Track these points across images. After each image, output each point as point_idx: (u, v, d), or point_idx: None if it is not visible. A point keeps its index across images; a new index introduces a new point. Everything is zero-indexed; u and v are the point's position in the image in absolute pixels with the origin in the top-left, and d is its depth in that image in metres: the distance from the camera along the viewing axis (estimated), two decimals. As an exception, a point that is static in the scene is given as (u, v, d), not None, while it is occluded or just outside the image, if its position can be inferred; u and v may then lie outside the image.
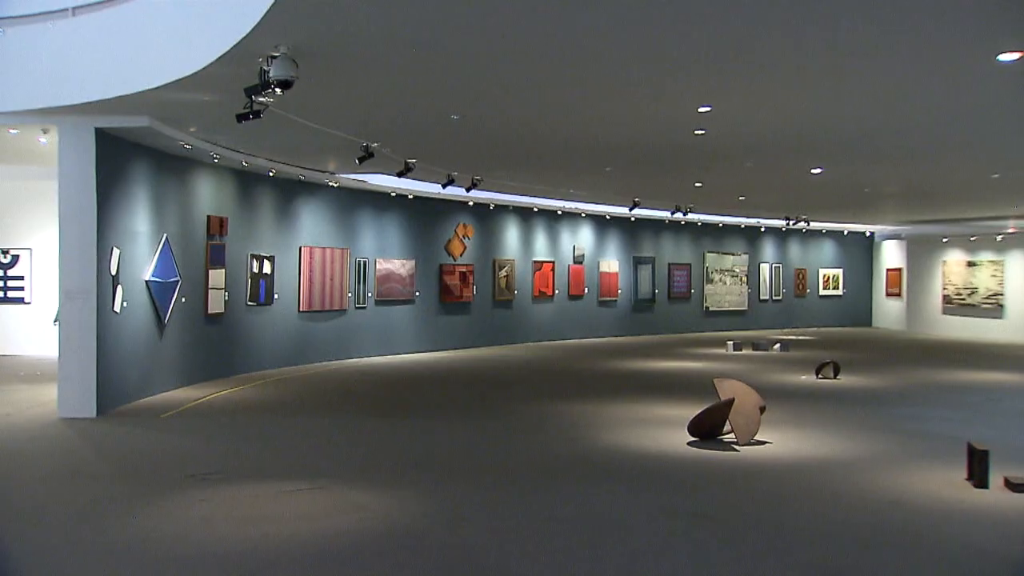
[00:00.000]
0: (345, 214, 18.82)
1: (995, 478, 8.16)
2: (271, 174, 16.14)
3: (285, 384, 14.95)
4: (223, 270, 15.08)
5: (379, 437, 10.71)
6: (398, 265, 20.06)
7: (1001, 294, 27.68)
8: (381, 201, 19.61)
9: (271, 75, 8.06)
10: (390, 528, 6.84)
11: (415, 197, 20.02)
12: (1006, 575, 6.01)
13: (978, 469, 8.18)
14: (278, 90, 8.17)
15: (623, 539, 6.67)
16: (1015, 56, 8.13)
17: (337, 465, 9.10)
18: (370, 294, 19.35)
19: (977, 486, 8.11)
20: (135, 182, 12.47)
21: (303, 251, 17.53)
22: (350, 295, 18.78)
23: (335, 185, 18.01)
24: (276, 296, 16.80)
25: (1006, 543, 6.66)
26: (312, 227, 17.97)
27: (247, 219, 16.14)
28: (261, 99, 8.72)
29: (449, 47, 8.22)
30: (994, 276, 27.92)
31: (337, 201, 18.57)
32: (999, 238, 27.62)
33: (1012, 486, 8.02)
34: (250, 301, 16.04)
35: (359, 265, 19.07)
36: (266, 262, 16.50)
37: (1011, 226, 26.55)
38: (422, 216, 20.71)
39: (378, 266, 19.56)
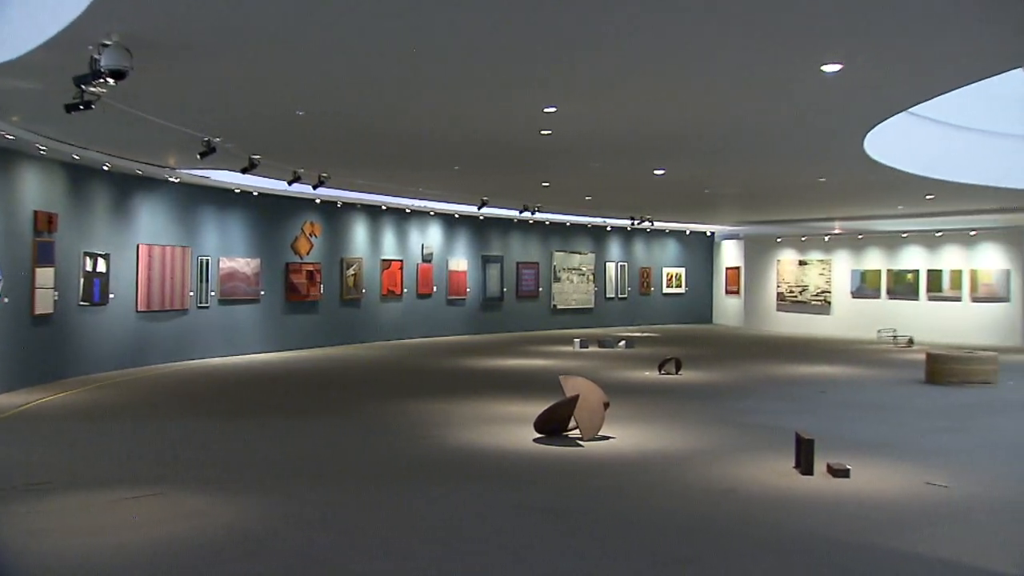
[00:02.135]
0: (186, 211, 18.18)
1: (820, 465, 8.63)
2: (106, 168, 15.42)
3: (122, 387, 14.33)
4: (52, 268, 14.29)
5: (222, 440, 10.40)
6: (242, 264, 19.54)
7: (828, 291, 29.31)
8: (224, 198, 19.03)
9: (102, 64, 7.66)
10: (231, 534, 6.65)
11: (260, 194, 19.54)
12: (830, 553, 6.35)
13: (805, 457, 8.63)
14: (110, 80, 7.79)
15: (471, 536, 6.70)
16: (837, 67, 8.60)
17: (176, 470, 8.77)
18: (213, 293, 18.77)
19: (804, 473, 8.57)
20: (-48, 175, 11.68)
21: (141, 249, 16.82)
22: (192, 294, 18.17)
23: (176, 181, 17.38)
24: (112, 296, 16.06)
25: (829, 524, 7.04)
26: (151, 224, 17.28)
27: (80, 215, 15.36)
28: (92, 89, 8.29)
29: (292, 40, 8.05)
30: (822, 274, 29.51)
31: (178, 197, 17.92)
32: (827, 238, 29.23)
33: (834, 472, 8.51)
34: (83, 301, 15.26)
35: (201, 263, 18.47)
36: (100, 260, 15.75)
37: (837, 227, 28.12)
38: (267, 214, 20.24)
39: (221, 264, 18.99)
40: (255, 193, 19.38)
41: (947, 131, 15.89)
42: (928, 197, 19.63)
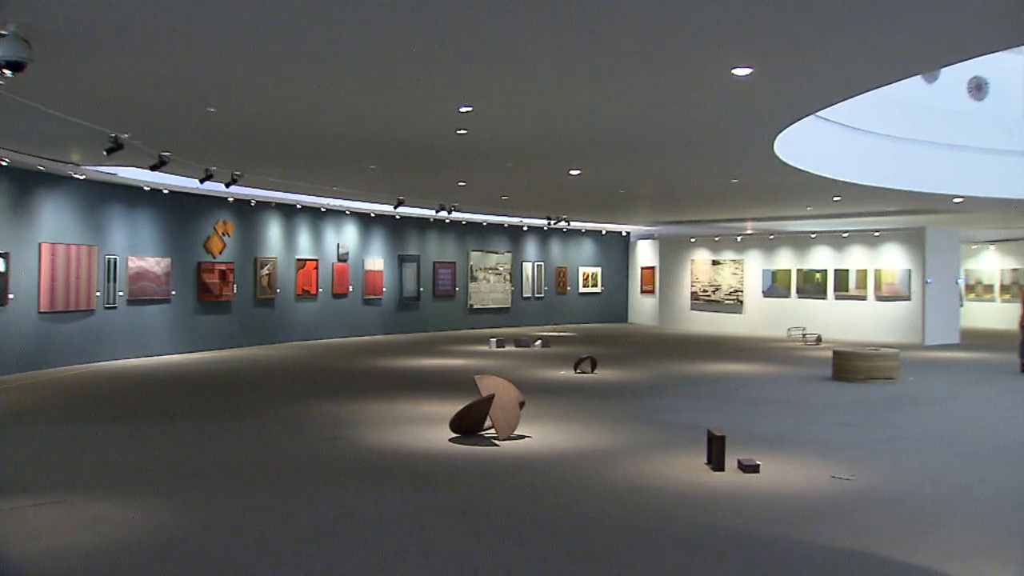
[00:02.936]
0: (92, 209, 17.65)
1: (731, 461, 8.81)
2: (4, 163, 14.87)
3: (23, 390, 13.84)
4: (-51, 268, 13.76)
5: (129, 445, 10.12)
6: (152, 263, 19.06)
7: (741, 290, 29.89)
8: (133, 196, 18.54)
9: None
10: (135, 540, 6.47)
11: (171, 192, 19.10)
12: (739, 546, 6.48)
13: (716, 454, 8.80)
14: (8, 72, 7.51)
15: (384, 538, 6.66)
16: (747, 71, 8.77)
17: (79, 476, 8.51)
18: (121, 293, 18.26)
19: (715, 469, 8.73)
20: None
21: (43, 248, 16.27)
22: (98, 294, 17.65)
23: (81, 178, 16.86)
24: (11, 296, 15.49)
25: (739, 518, 7.19)
26: (54, 222, 16.72)
27: (-22, 212, 14.81)
28: (-11, 82, 7.99)
29: (201, 35, 7.86)
30: (735, 274, 30.09)
31: (83, 195, 17.39)
32: (739, 239, 29.83)
33: (744, 468, 8.69)
34: (-19, 302, 14.72)
35: (108, 263, 17.96)
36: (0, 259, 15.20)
37: (749, 227, 28.74)
38: (179, 212, 19.79)
39: (130, 264, 18.50)
40: (165, 191, 18.94)
41: (851, 135, 16.41)
42: (835, 199, 20.21)
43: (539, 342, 23.12)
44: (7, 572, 5.77)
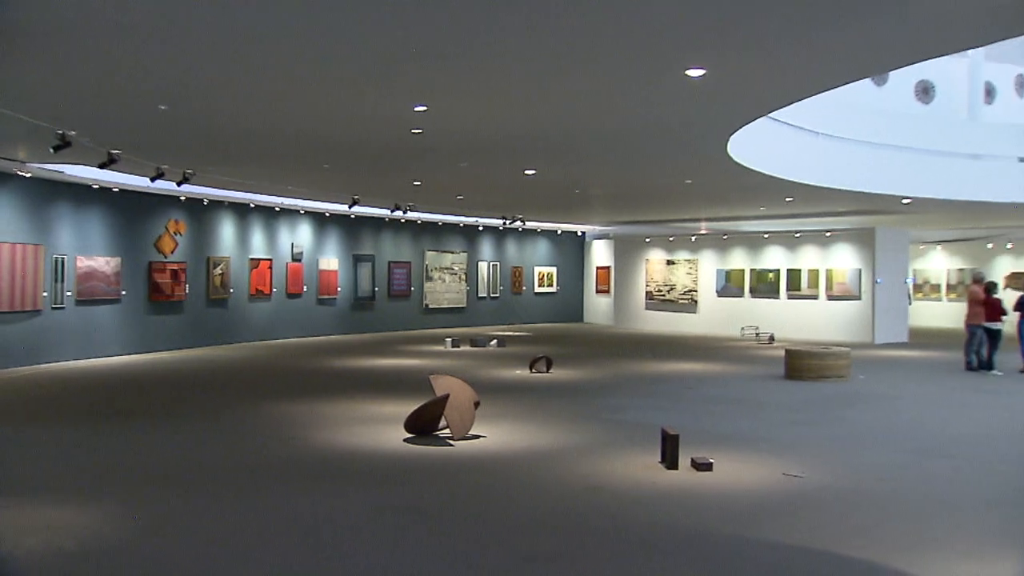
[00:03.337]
0: (39, 208, 17.32)
1: (684, 459, 8.87)
2: (-51, 161, 14.57)
3: (-33, 393, 13.57)
4: None
5: (78, 447, 9.94)
6: (102, 263, 18.74)
7: (695, 290, 30.11)
8: (82, 194, 18.21)
9: (-59, 50, 7.23)
10: (84, 545, 6.35)
11: (121, 191, 18.80)
12: (692, 544, 6.52)
13: (670, 452, 8.85)
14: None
15: (338, 538, 6.61)
16: (701, 72, 8.84)
17: (25, 480, 8.34)
18: (69, 293, 17.94)
19: (669, 468, 8.78)
20: None
21: (-11, 247, 15.96)
22: (45, 294, 17.32)
23: (27, 175, 16.53)
24: (-44, 296, 15.18)
25: (690, 517, 7.24)
26: (-1, 221, 16.41)
27: (-80, 211, 14.46)
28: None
29: (153, 32, 7.74)
30: (689, 274, 30.31)
31: (29, 193, 17.05)
32: (693, 239, 30.07)
33: (697, 466, 8.76)
34: (-76, 302, 14.37)
35: (56, 262, 17.63)
36: (-56, 259, 14.87)
37: (703, 227, 28.98)
38: (129, 211, 19.48)
39: (79, 263, 18.17)
40: (115, 189, 18.63)
41: (803, 136, 16.63)
42: (787, 200, 20.44)
43: (494, 342, 23.11)
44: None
